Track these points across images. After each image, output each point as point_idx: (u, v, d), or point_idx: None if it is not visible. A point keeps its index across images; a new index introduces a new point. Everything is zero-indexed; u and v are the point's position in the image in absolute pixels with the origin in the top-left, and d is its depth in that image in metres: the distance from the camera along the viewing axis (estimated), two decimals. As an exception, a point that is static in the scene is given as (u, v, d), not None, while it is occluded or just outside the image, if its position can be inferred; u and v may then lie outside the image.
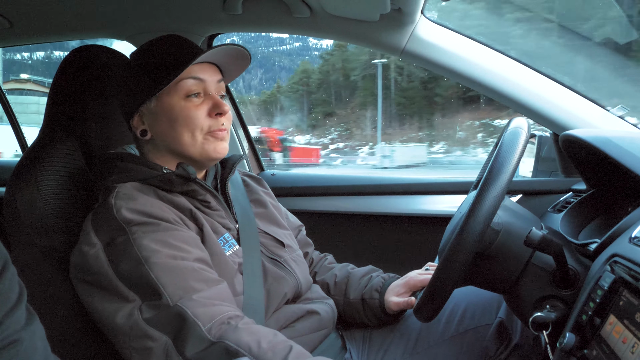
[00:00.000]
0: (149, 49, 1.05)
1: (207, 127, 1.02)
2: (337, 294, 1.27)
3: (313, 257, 1.37)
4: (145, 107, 1.03)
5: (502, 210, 0.95)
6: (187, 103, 1.01)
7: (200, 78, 1.02)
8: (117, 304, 0.87)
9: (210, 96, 1.04)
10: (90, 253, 0.90)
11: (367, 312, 1.23)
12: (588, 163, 1.21)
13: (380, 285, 1.24)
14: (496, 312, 1.18)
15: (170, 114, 1.01)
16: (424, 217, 1.76)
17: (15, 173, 1.04)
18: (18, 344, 0.59)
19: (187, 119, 1.01)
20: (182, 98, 1.01)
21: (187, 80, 1.01)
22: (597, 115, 1.37)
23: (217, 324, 0.84)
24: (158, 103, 1.02)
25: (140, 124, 1.05)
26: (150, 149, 1.07)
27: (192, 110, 1.01)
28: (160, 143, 1.05)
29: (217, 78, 1.06)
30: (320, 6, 1.32)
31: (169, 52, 1.03)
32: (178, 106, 1.01)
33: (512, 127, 0.90)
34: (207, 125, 1.02)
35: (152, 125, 1.04)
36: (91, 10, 1.48)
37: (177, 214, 0.98)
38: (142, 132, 1.05)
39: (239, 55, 1.07)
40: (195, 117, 1.01)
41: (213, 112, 1.03)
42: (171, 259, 0.89)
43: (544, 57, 1.46)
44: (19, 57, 10.21)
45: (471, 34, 1.42)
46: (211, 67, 1.06)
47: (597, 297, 0.78)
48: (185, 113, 1.01)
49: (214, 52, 1.02)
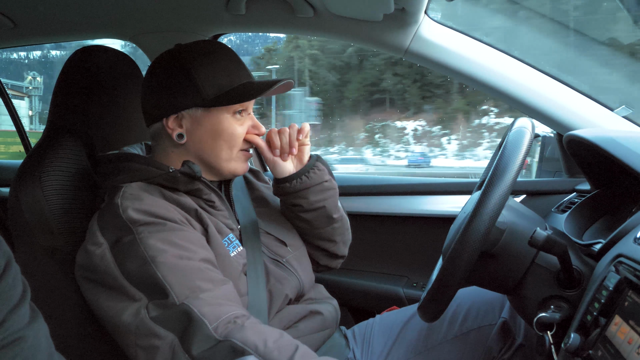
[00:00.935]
0: (206, 57, 1.03)
1: (243, 145, 1.07)
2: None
3: None
4: (189, 112, 1.03)
5: (506, 210, 0.95)
6: (234, 119, 1.05)
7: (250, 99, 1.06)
8: (124, 302, 0.88)
9: (250, 115, 1.09)
10: (96, 252, 0.91)
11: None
12: (592, 163, 1.21)
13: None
14: (499, 312, 1.18)
15: (217, 127, 1.04)
16: (428, 218, 1.76)
17: (19, 173, 1.05)
18: (22, 342, 0.59)
19: (232, 136, 1.05)
20: (230, 113, 1.05)
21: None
22: (601, 115, 1.36)
23: (223, 322, 0.84)
24: (206, 112, 1.03)
25: (177, 127, 1.04)
26: (176, 151, 1.06)
27: (236, 128, 1.06)
28: (194, 151, 1.05)
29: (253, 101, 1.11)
30: (323, 6, 1.32)
31: (231, 72, 1.05)
32: (226, 122, 1.04)
33: (516, 127, 0.89)
34: (244, 145, 1.08)
35: (192, 132, 1.04)
36: (94, 11, 1.49)
37: (183, 214, 0.98)
38: (178, 135, 1.04)
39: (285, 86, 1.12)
40: (238, 134, 1.06)
41: (252, 131, 1.08)
42: (177, 259, 0.89)
43: (547, 56, 1.46)
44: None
45: (475, 34, 1.42)
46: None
47: (602, 298, 0.78)
48: (231, 130, 1.05)
49: (274, 88, 1.05)
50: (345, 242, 1.29)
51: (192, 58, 1.03)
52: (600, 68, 1.71)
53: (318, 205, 1.16)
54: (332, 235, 1.23)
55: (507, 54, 1.42)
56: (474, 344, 1.15)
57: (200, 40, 1.08)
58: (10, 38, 1.70)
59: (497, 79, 1.39)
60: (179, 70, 1.02)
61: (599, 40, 1.68)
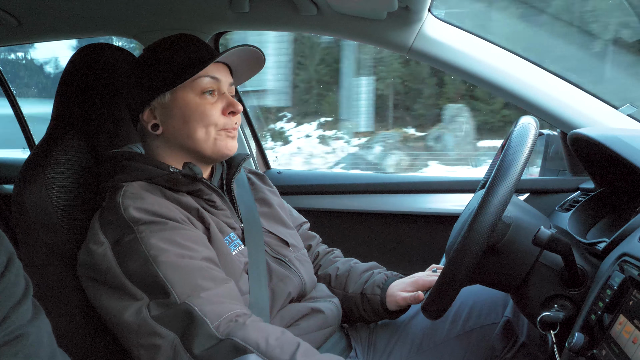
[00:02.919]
0: (167, 45, 1.06)
1: (221, 125, 1.05)
2: (337, 287, 1.27)
3: (319, 250, 1.37)
4: (158, 101, 1.04)
5: (512, 206, 0.94)
6: (202, 100, 1.04)
7: (217, 77, 1.05)
8: (125, 301, 0.88)
9: (224, 95, 1.07)
10: (98, 251, 0.91)
11: (366, 307, 1.22)
12: (596, 162, 1.20)
13: (383, 282, 1.23)
14: (502, 311, 1.17)
15: (185, 110, 1.03)
16: (431, 216, 1.76)
17: (23, 170, 1.05)
18: (24, 338, 0.59)
19: (203, 115, 1.03)
20: (197, 95, 1.03)
21: (204, 79, 1.04)
22: (606, 114, 1.36)
23: (225, 321, 0.84)
24: (172, 98, 1.03)
25: (151, 118, 1.05)
26: (159, 144, 1.07)
27: (207, 107, 1.04)
28: (172, 138, 1.05)
29: (230, 80, 1.09)
30: (327, 4, 1.32)
31: (189, 49, 1.05)
32: (193, 102, 1.03)
33: (520, 124, 0.89)
34: (222, 123, 1.05)
35: (165, 120, 1.04)
36: (99, 9, 1.49)
37: (184, 213, 0.98)
38: (153, 126, 1.05)
39: (254, 58, 1.11)
40: (210, 114, 1.04)
41: (227, 110, 1.06)
42: (179, 258, 0.89)
43: (551, 55, 1.45)
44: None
45: (479, 32, 1.41)
46: (225, 69, 1.09)
47: (607, 297, 0.77)
48: (201, 109, 1.03)
49: (234, 52, 1.05)
50: None
51: (152, 50, 1.07)
52: (605, 66, 1.70)
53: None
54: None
55: (511, 52, 1.41)
56: (476, 342, 1.15)
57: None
58: (14, 36, 1.71)
59: (501, 77, 1.38)
60: (142, 65, 1.06)
61: (603, 38, 1.68)
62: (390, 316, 1.22)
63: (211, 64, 1.03)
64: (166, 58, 1.04)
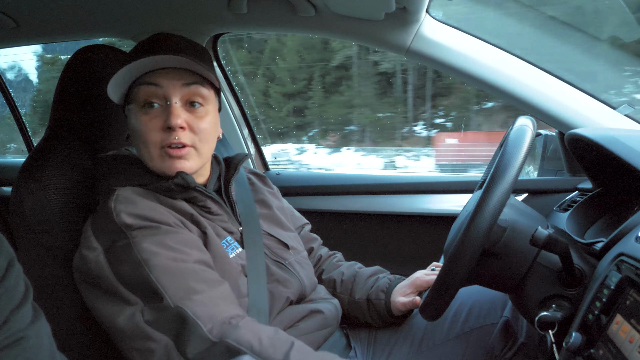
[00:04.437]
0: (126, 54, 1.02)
1: (159, 141, 0.96)
2: (343, 292, 1.27)
3: (321, 253, 1.37)
4: (126, 112, 1.03)
5: (508, 208, 0.95)
6: (143, 114, 0.96)
7: (155, 83, 0.95)
8: (119, 306, 0.87)
9: (168, 106, 0.95)
10: (90, 257, 0.90)
11: (372, 312, 1.23)
12: (594, 162, 1.20)
13: (387, 286, 1.24)
14: (501, 311, 1.18)
15: (131, 124, 1.00)
16: (430, 216, 1.76)
17: (21, 173, 1.05)
18: (24, 341, 0.59)
19: (140, 133, 0.96)
20: (140, 107, 0.97)
21: (142, 87, 0.96)
22: (603, 114, 1.36)
23: (218, 324, 0.84)
24: (128, 110, 1.02)
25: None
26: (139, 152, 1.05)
27: (143, 124, 0.96)
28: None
29: (181, 82, 0.96)
30: (325, 5, 1.32)
31: (129, 57, 0.98)
32: (135, 117, 0.98)
33: (517, 125, 0.89)
34: (160, 139, 0.95)
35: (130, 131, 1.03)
36: (96, 10, 1.49)
37: (178, 217, 0.98)
38: (127, 136, 1.04)
39: (182, 62, 0.96)
40: (145, 131, 0.95)
41: (164, 125, 0.95)
42: (171, 261, 0.88)
43: (547, 55, 1.45)
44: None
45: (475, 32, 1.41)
46: (178, 70, 0.97)
47: (604, 297, 0.78)
48: (138, 127, 0.97)
49: (153, 59, 0.93)
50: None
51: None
52: (601, 65, 1.70)
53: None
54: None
55: (509, 53, 1.41)
56: (476, 343, 1.15)
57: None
58: (12, 38, 1.70)
59: (499, 77, 1.38)
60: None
61: (600, 38, 1.68)
62: (394, 320, 1.23)
63: (157, 69, 0.95)
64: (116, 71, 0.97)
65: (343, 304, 1.25)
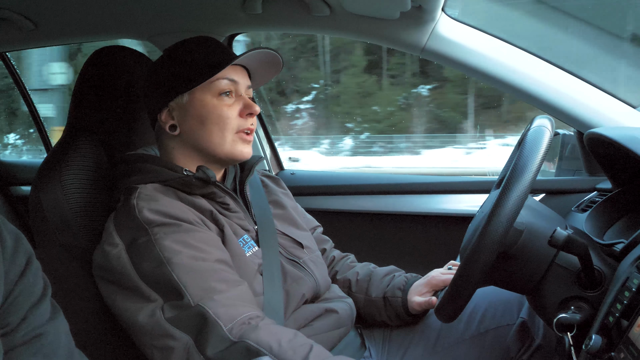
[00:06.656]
0: (185, 46, 1.07)
1: (237, 127, 1.05)
2: (358, 292, 1.27)
3: (334, 255, 1.37)
4: (176, 102, 1.05)
5: (525, 210, 0.93)
6: (220, 102, 1.04)
7: (234, 80, 1.06)
8: (140, 303, 0.89)
9: (241, 97, 1.07)
10: (112, 253, 0.92)
11: (389, 311, 1.22)
12: (614, 161, 1.18)
13: (403, 284, 1.23)
14: (518, 312, 1.16)
15: (202, 111, 1.04)
16: (445, 217, 1.75)
17: (40, 172, 1.06)
18: (42, 338, 0.60)
19: (219, 116, 1.04)
20: (214, 96, 1.04)
21: (222, 81, 1.04)
22: (623, 113, 1.34)
23: (238, 324, 0.85)
24: (190, 99, 1.04)
25: (169, 119, 1.06)
26: (175, 145, 1.08)
27: (224, 109, 1.04)
28: (188, 139, 1.06)
29: (247, 83, 1.10)
30: (340, 5, 1.32)
31: (207, 51, 1.06)
32: (211, 104, 1.04)
33: (535, 125, 0.88)
34: (237, 125, 1.05)
35: (182, 121, 1.05)
36: (113, 12, 1.50)
37: (198, 215, 0.99)
38: (171, 127, 1.06)
39: (272, 61, 1.11)
40: (226, 115, 1.04)
41: (244, 112, 1.06)
42: (192, 260, 0.90)
43: (566, 53, 1.43)
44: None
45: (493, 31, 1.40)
46: (243, 71, 1.09)
47: (625, 299, 0.76)
48: (218, 111, 1.04)
49: (252, 55, 1.05)
50: None
51: (171, 51, 1.08)
52: (622, 64, 1.67)
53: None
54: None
55: (526, 51, 1.40)
56: (491, 344, 1.14)
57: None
58: (31, 40, 1.73)
59: (516, 76, 1.37)
60: (161, 66, 1.08)
61: (621, 36, 1.65)
62: (411, 319, 1.22)
63: (229, 66, 1.03)
64: (185, 60, 1.05)
65: (359, 303, 1.25)
